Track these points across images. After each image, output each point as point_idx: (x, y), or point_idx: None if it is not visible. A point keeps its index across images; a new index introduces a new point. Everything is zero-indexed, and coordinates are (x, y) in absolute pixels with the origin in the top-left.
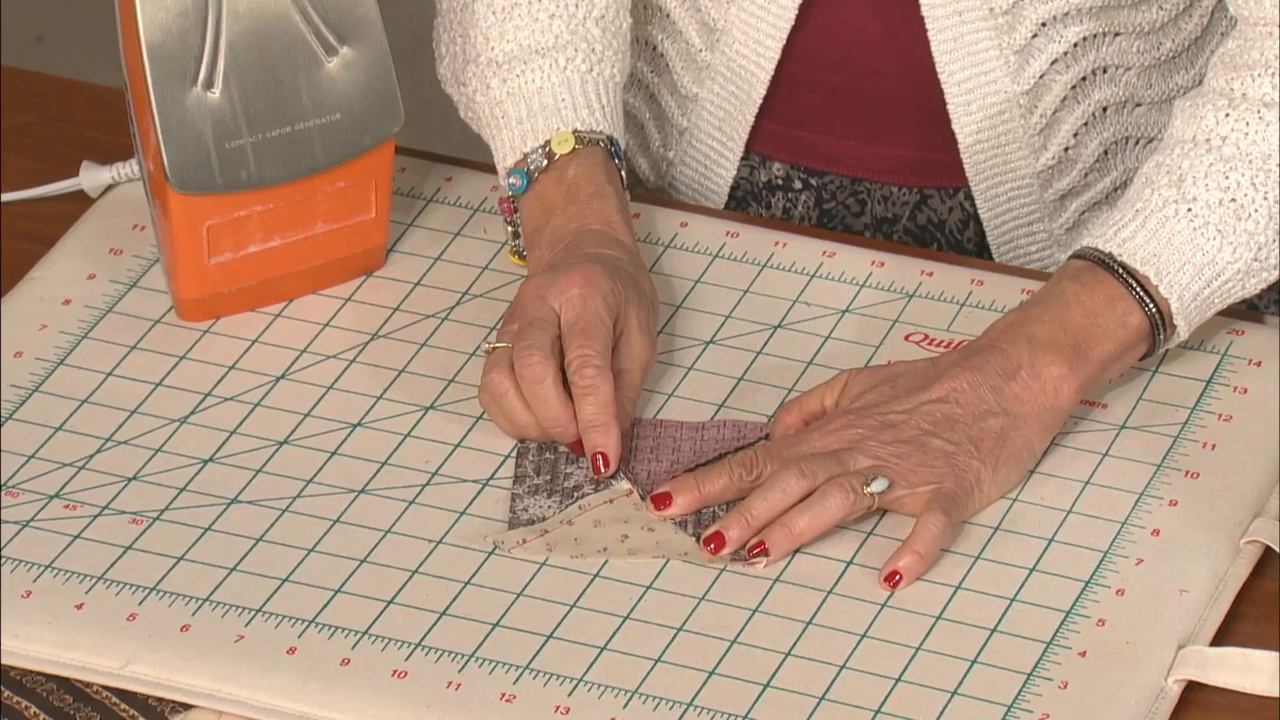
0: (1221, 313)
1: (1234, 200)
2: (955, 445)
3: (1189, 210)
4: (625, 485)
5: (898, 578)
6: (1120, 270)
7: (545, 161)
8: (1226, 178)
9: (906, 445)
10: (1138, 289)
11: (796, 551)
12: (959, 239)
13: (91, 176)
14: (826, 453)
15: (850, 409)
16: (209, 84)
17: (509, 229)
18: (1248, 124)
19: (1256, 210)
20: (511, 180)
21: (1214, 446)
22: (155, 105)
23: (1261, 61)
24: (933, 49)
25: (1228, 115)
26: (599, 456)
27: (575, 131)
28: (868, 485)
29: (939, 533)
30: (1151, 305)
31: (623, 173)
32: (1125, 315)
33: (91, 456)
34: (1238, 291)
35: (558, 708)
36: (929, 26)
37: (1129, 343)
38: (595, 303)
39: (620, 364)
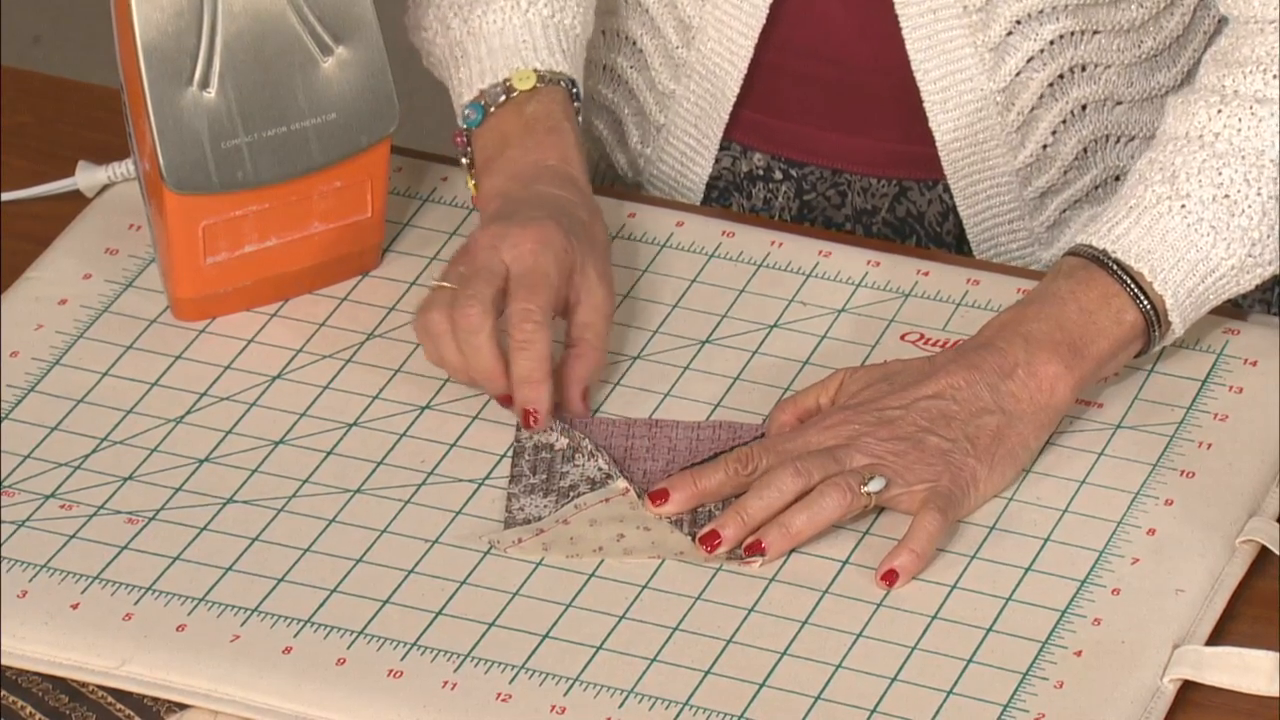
0: (1217, 312)
1: (1227, 196)
2: (952, 443)
3: (1183, 207)
4: (621, 484)
5: (894, 576)
6: (1115, 267)
7: (504, 97)
8: (1219, 174)
9: (903, 442)
10: (1132, 286)
11: (792, 550)
12: (938, 231)
13: (88, 176)
14: (823, 450)
15: (847, 404)
16: (205, 84)
17: (465, 162)
18: (1240, 120)
19: (1250, 206)
20: (467, 113)
21: (1210, 446)
22: (151, 105)
23: (1253, 58)
24: (907, 46)
25: (1220, 111)
26: (529, 412)
27: (536, 71)
28: (865, 484)
29: (935, 531)
30: (1146, 302)
31: (580, 117)
32: (1120, 313)
33: (87, 456)
34: (1232, 288)
35: (553, 707)
36: (903, 25)
37: (1124, 340)
38: (546, 260)
39: (584, 316)
